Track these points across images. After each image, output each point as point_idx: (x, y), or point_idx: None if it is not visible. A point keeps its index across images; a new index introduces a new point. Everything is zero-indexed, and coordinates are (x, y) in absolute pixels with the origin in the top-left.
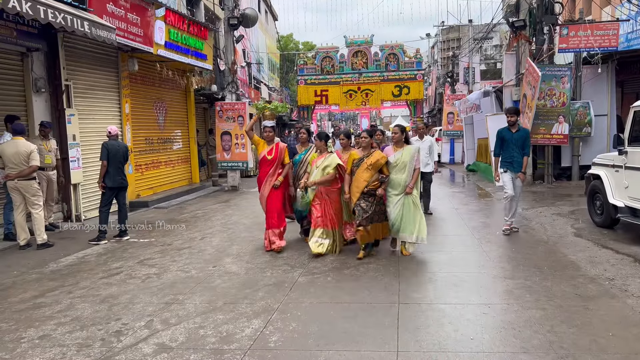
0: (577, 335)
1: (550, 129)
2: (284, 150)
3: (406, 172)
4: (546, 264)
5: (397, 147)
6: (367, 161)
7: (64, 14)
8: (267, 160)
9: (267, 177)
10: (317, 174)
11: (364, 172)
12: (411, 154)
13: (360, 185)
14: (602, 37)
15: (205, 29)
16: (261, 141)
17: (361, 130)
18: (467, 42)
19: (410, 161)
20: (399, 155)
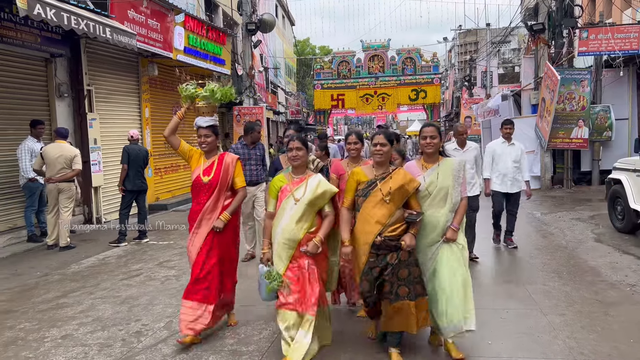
0: (598, 342)
1: (569, 133)
2: (233, 166)
3: (447, 205)
4: (565, 270)
5: (428, 161)
6: (382, 187)
7: (86, 20)
8: (202, 184)
9: (202, 213)
10: (295, 216)
11: (377, 206)
12: (454, 173)
13: (371, 231)
14: (622, 40)
15: (224, 34)
16: (194, 152)
17: None
18: (484, 45)
19: (454, 185)
20: (433, 174)
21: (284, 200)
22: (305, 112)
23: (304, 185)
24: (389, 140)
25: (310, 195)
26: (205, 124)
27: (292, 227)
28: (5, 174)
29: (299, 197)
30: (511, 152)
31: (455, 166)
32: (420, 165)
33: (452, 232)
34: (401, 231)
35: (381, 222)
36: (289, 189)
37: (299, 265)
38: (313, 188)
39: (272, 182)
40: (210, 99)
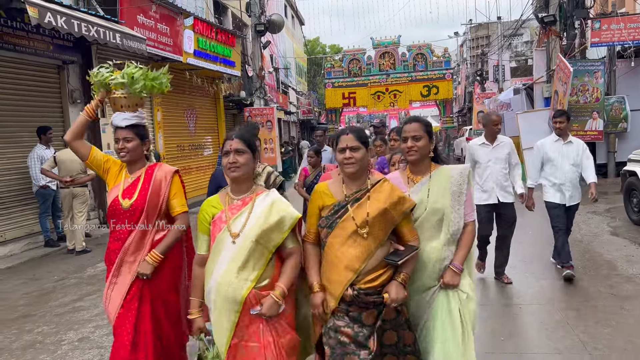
0: (612, 336)
1: (583, 125)
2: (168, 183)
3: (442, 235)
4: (580, 264)
5: (415, 172)
6: (355, 213)
7: (96, 27)
8: (120, 210)
9: (121, 253)
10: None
11: (348, 243)
12: (452, 188)
13: (338, 280)
14: (635, 30)
15: (233, 36)
16: (112, 163)
17: None
18: (496, 39)
19: (453, 205)
20: (422, 191)
21: (218, 235)
22: (316, 111)
23: (246, 212)
24: (362, 142)
25: (257, 227)
26: (124, 122)
27: (230, 279)
28: (20, 180)
29: (237, 230)
30: (569, 153)
31: (454, 178)
32: (404, 178)
33: (451, 274)
34: (386, 279)
35: (353, 267)
36: (224, 219)
37: (250, 338)
38: (262, 214)
39: (200, 209)
40: (130, 87)
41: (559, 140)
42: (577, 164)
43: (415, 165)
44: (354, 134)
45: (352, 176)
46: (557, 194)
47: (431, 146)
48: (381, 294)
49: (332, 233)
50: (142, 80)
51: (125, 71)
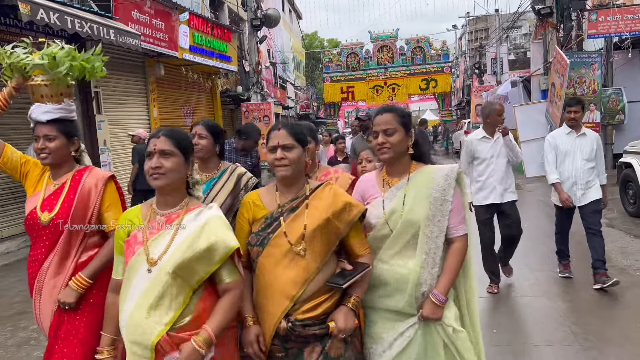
0: (603, 327)
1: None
2: (99, 191)
3: (418, 254)
4: (575, 256)
5: (392, 174)
6: (289, 228)
7: (90, 23)
8: (38, 225)
9: (39, 275)
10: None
11: (282, 264)
12: (433, 194)
13: (272, 311)
14: (632, 21)
15: (229, 31)
16: (32, 166)
17: None
18: (494, 32)
19: (434, 216)
20: (397, 197)
21: (131, 260)
22: (315, 105)
23: (169, 233)
24: (297, 140)
25: (178, 256)
26: (45, 116)
27: (139, 320)
28: None
29: (155, 256)
30: (582, 147)
31: (438, 181)
32: (379, 181)
33: (431, 306)
34: (330, 306)
35: (288, 293)
36: (140, 239)
37: None
38: (187, 239)
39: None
40: (51, 71)
41: (572, 133)
42: (592, 159)
43: (391, 165)
44: (287, 130)
45: (285, 181)
46: (568, 192)
47: (409, 141)
48: (325, 324)
49: (264, 252)
50: (68, 61)
51: (44, 51)
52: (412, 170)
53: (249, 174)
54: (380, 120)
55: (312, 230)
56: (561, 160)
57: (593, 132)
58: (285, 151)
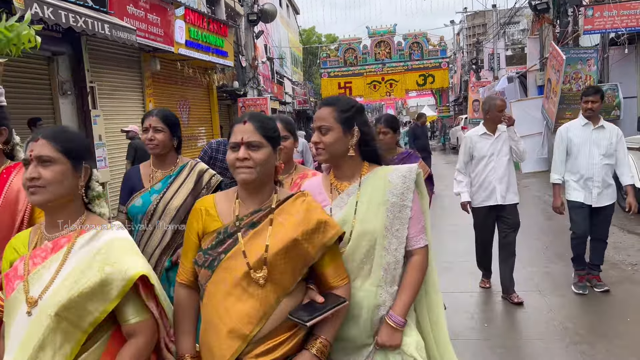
0: (595, 322)
1: (576, 113)
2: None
3: (373, 273)
4: (568, 251)
5: (341, 178)
6: (248, 246)
7: (85, 17)
8: None
9: None
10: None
11: (235, 294)
12: (390, 199)
13: (220, 354)
14: (629, 17)
15: (225, 26)
16: None
17: None
18: (491, 27)
19: (393, 226)
20: (348, 205)
21: (10, 297)
22: (312, 101)
23: (55, 262)
24: (266, 137)
25: (63, 292)
26: None
27: None
28: None
29: (35, 293)
30: (599, 141)
31: (395, 184)
32: (327, 186)
33: (388, 331)
34: (292, 348)
35: (241, 331)
36: (20, 272)
37: None
38: (74, 270)
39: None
40: None
41: (588, 125)
42: (610, 154)
43: (338, 168)
44: (255, 124)
45: (248, 187)
46: (581, 191)
47: (351, 140)
48: None
49: (213, 277)
50: None
51: None
52: (364, 172)
53: (211, 171)
54: (317, 115)
55: (275, 254)
56: (575, 154)
57: (613, 125)
58: (250, 150)
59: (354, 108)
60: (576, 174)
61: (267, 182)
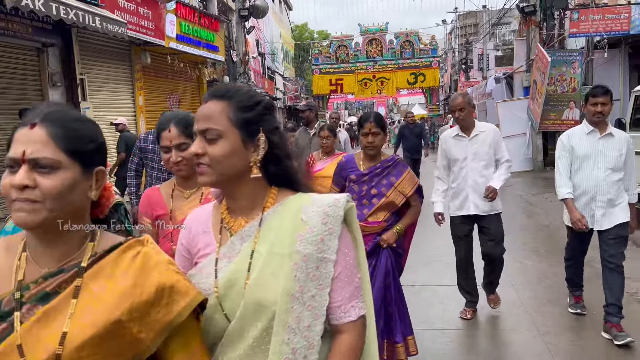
0: (561, 315)
1: (560, 114)
2: None
3: (275, 356)
4: (544, 248)
5: (234, 209)
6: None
7: (75, 10)
8: None
9: None
10: None
11: None
12: (303, 249)
13: None
14: (613, 21)
15: (217, 21)
16: None
17: None
18: (481, 27)
19: (302, 290)
20: (244, 251)
21: None
22: (304, 97)
23: None
24: (70, 152)
25: None
26: None
27: None
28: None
29: None
30: (607, 151)
31: (312, 224)
32: (216, 221)
33: None
34: None
35: None
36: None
37: None
38: None
39: None
40: None
41: (594, 133)
42: (618, 168)
43: (232, 196)
44: (52, 129)
45: (35, 233)
46: (582, 212)
47: (254, 153)
48: None
49: None
50: None
51: None
52: (268, 204)
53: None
54: (201, 113)
55: (77, 348)
56: (577, 167)
57: (622, 132)
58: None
59: (260, 105)
60: (577, 189)
61: (74, 224)
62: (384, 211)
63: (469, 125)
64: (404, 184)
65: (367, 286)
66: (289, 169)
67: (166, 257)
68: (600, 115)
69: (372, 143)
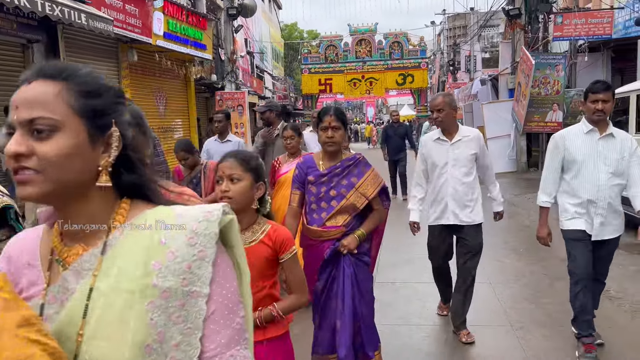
0: (535, 311)
1: (544, 116)
2: None
3: None
4: (523, 247)
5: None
6: None
7: (61, 6)
8: None
9: None
10: None
11: None
12: (161, 281)
13: None
14: (596, 26)
15: (204, 19)
16: None
17: (367, 120)
18: (469, 29)
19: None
20: (77, 293)
21: None
22: (293, 96)
23: None
24: None
25: None
26: None
27: None
28: None
29: None
30: (607, 153)
31: (171, 248)
32: (45, 251)
33: None
34: None
35: None
36: None
37: None
38: None
39: None
40: None
41: (593, 132)
42: (621, 172)
43: (68, 212)
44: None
45: None
46: (580, 219)
47: (103, 155)
48: None
49: None
50: None
51: None
52: (117, 222)
53: None
54: (21, 97)
55: None
56: (574, 171)
57: (624, 133)
58: None
59: (111, 91)
60: (574, 196)
61: None
62: (344, 215)
63: (450, 128)
64: (365, 184)
65: (251, 327)
66: (145, 177)
67: (21, 314)
68: (600, 114)
69: (332, 138)
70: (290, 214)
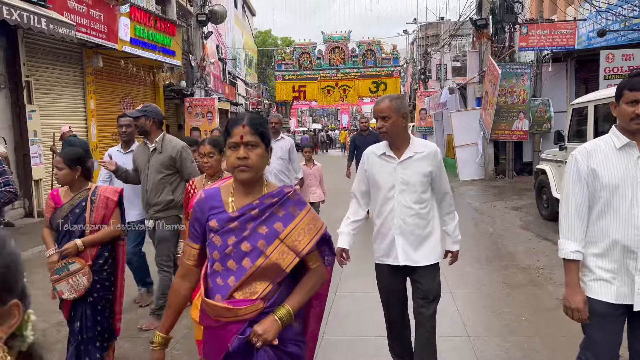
0: (493, 320)
1: (510, 125)
2: None
3: None
4: (484, 255)
5: None
6: None
7: (20, 10)
8: None
9: None
10: None
11: None
12: None
13: None
14: (560, 36)
15: (174, 25)
16: None
17: (341, 127)
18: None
19: None
20: None
21: None
22: (266, 103)
23: None
24: None
25: None
26: None
27: None
28: None
29: None
30: None
31: None
32: None
33: None
34: None
35: None
36: None
37: None
38: None
39: None
40: None
41: (630, 148)
42: None
43: None
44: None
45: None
46: (611, 282)
47: None
48: None
49: None
50: None
51: None
52: None
53: None
54: None
55: None
56: (602, 206)
57: None
58: None
59: None
60: (600, 243)
61: None
62: (263, 281)
63: (398, 141)
64: (296, 233)
65: None
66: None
67: None
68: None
69: (244, 160)
70: (181, 273)
